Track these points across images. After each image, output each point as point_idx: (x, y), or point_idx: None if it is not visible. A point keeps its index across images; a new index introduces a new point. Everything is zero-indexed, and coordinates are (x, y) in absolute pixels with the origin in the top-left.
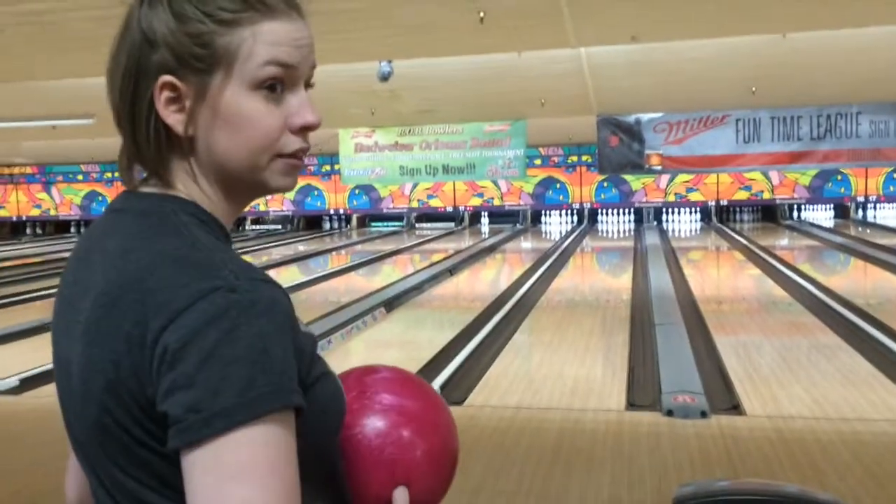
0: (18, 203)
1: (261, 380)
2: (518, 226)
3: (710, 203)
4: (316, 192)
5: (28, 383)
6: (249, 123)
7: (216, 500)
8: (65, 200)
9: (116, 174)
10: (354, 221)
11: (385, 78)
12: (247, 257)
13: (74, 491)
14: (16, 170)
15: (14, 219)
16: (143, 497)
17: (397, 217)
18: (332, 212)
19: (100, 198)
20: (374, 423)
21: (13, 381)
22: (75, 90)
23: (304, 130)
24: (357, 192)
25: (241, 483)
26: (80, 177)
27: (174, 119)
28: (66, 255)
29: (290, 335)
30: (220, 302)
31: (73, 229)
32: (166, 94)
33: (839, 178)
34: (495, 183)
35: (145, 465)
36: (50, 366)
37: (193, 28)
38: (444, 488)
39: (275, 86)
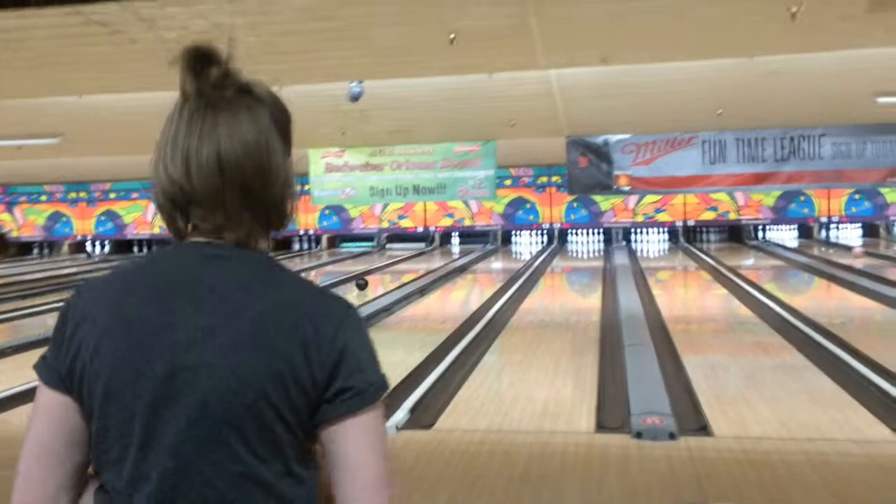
0: None
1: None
2: (488, 246)
3: (677, 223)
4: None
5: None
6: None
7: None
8: (27, 221)
9: (81, 194)
10: (325, 242)
11: (356, 98)
12: None
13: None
14: None
15: None
16: (258, 473)
17: (368, 237)
18: (301, 232)
19: (64, 218)
20: None
21: None
22: (41, 109)
23: None
24: (327, 212)
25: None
26: (43, 197)
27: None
28: (30, 277)
29: None
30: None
31: (35, 251)
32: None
33: (802, 199)
34: (466, 203)
35: (275, 444)
36: (11, 392)
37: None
38: None
39: None
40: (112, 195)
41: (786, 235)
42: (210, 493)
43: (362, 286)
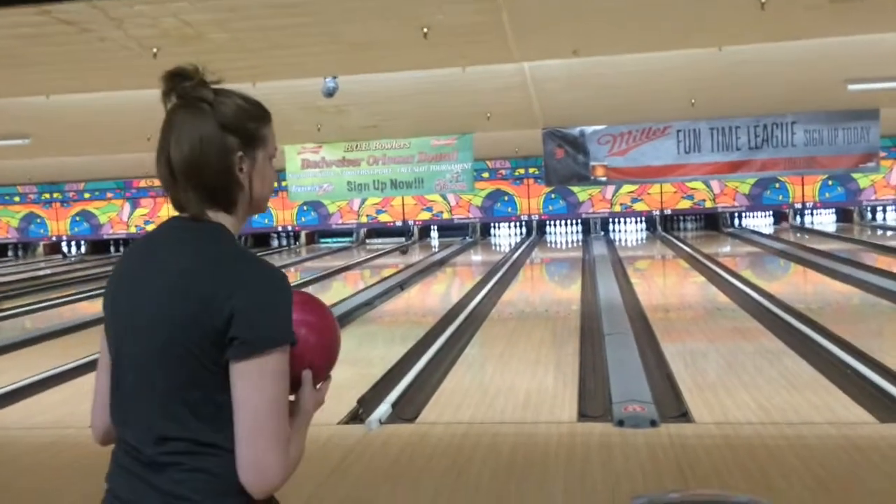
0: None
1: (288, 325)
2: (468, 239)
3: (654, 212)
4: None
5: None
6: (270, 178)
7: (259, 391)
8: (0, 223)
9: (55, 195)
10: (303, 238)
11: (330, 94)
12: None
13: (102, 420)
14: None
15: None
16: (189, 398)
17: (347, 233)
18: (280, 228)
19: (38, 220)
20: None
21: None
22: (8, 110)
23: None
24: (305, 208)
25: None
26: (16, 198)
27: (240, 177)
28: (2, 280)
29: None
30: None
31: (10, 253)
32: (238, 163)
33: (777, 185)
34: (444, 197)
35: (192, 374)
36: None
37: (252, 125)
38: (332, 363)
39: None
40: (87, 195)
41: (761, 222)
42: (150, 404)
43: (405, 251)
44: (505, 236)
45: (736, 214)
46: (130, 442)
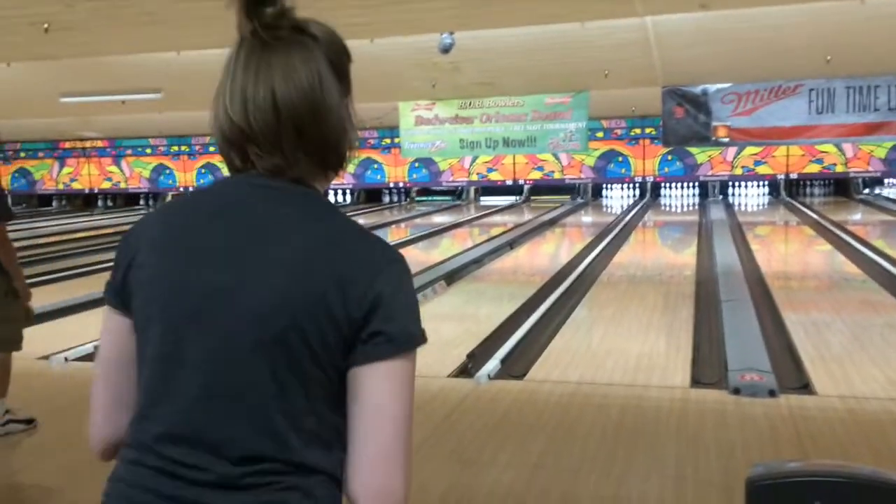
0: (90, 176)
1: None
2: (578, 199)
3: (779, 176)
4: (376, 166)
5: None
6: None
7: (399, 401)
8: (134, 173)
9: (183, 148)
10: (414, 194)
11: (446, 50)
12: None
13: (104, 430)
14: (87, 143)
15: (87, 191)
16: (292, 408)
17: (450, 191)
18: (391, 185)
19: (167, 171)
20: None
21: (90, 348)
22: (144, 65)
23: None
24: (417, 164)
25: (411, 391)
26: (148, 150)
27: (350, 131)
28: None
29: None
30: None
31: (142, 202)
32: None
33: None
34: (556, 156)
35: (303, 377)
36: None
37: (349, 64)
38: None
39: None
40: (212, 149)
41: None
42: (231, 412)
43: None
44: (617, 198)
45: (887, 181)
46: (184, 460)
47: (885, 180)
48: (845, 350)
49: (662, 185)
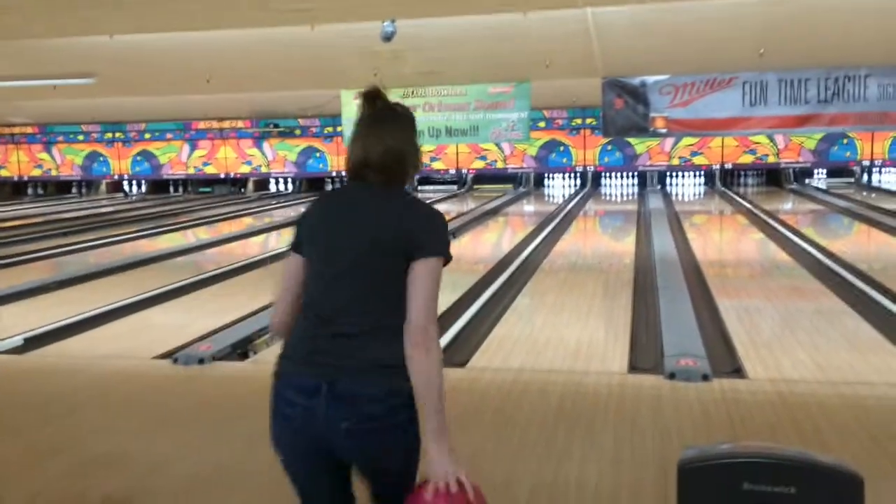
0: (20, 163)
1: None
2: (521, 189)
3: (714, 167)
4: (318, 154)
5: (32, 343)
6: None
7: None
8: (66, 161)
9: (117, 134)
10: None
11: (388, 38)
12: (249, 219)
13: (283, 317)
14: (16, 129)
15: (15, 179)
16: (385, 291)
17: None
18: (334, 174)
19: (101, 158)
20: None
21: (17, 341)
22: (76, 49)
23: None
24: None
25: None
26: (80, 137)
27: (417, 164)
28: (68, 216)
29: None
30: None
31: (74, 189)
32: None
33: (845, 141)
34: (498, 145)
35: (389, 277)
36: (53, 326)
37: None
38: None
39: None
40: (147, 136)
41: (829, 180)
42: (355, 298)
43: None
44: (559, 187)
45: (816, 172)
46: (339, 322)
47: (815, 171)
48: (775, 335)
49: (603, 174)
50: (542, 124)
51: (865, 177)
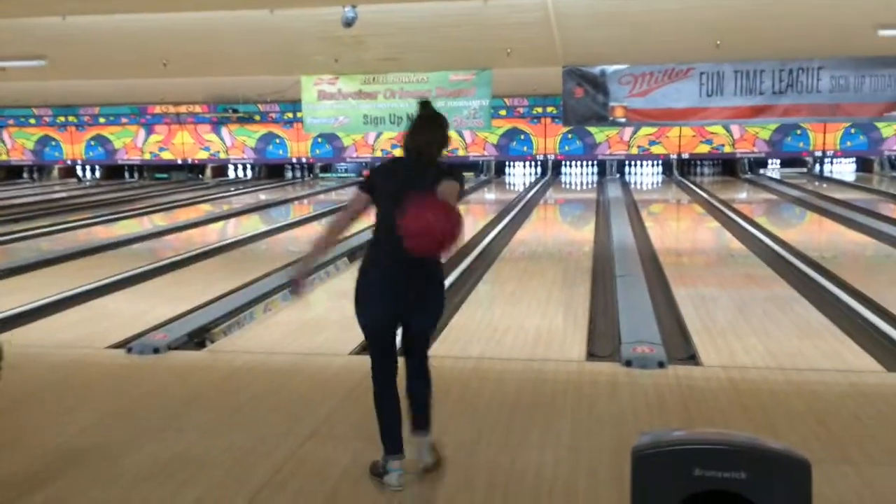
0: None
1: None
2: (482, 177)
3: (671, 156)
4: (278, 140)
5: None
6: None
7: None
8: (16, 145)
9: (70, 118)
10: (317, 170)
11: (349, 23)
12: (207, 206)
13: (342, 227)
14: None
15: None
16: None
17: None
18: (294, 160)
19: (53, 142)
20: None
21: None
22: (26, 30)
23: None
24: (320, 140)
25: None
26: (32, 120)
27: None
28: (20, 201)
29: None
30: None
31: (25, 175)
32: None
33: (798, 132)
34: (460, 133)
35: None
36: (5, 314)
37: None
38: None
39: None
40: (101, 120)
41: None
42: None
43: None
44: (520, 175)
45: (770, 161)
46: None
47: (769, 161)
48: (729, 323)
49: (563, 163)
50: (503, 112)
51: (818, 167)
